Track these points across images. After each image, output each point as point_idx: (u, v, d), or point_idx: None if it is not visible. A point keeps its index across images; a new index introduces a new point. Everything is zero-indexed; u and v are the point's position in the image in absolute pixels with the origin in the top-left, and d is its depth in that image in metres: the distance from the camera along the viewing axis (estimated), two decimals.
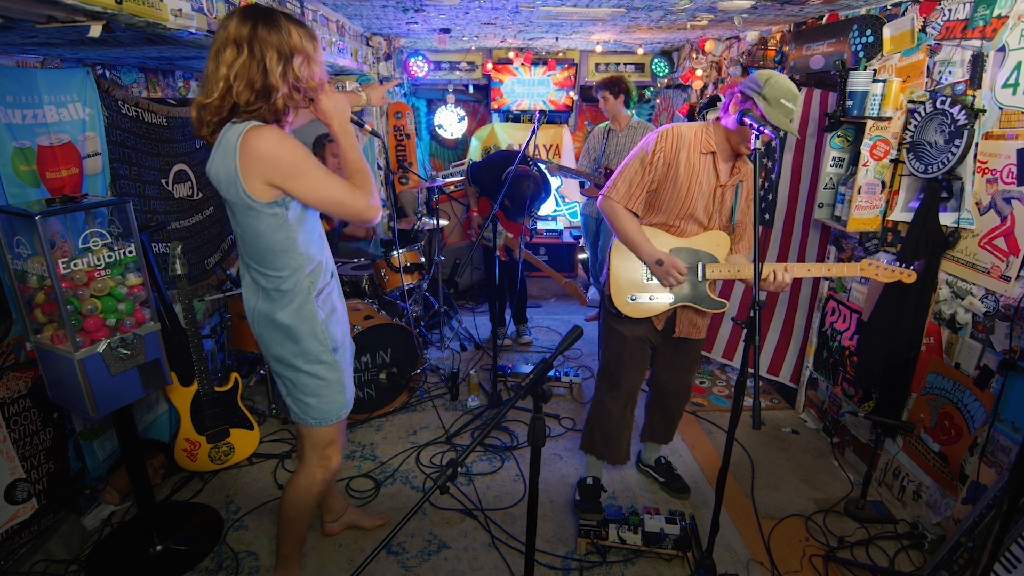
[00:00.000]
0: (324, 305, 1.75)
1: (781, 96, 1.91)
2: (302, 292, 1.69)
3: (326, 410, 1.83)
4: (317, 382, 1.78)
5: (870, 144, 2.55)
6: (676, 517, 2.30)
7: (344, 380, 1.85)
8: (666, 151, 2.11)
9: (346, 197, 1.61)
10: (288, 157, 1.52)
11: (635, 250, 2.20)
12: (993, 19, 2.11)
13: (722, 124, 2.10)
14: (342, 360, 1.83)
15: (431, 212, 4.22)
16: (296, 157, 1.54)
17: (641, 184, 2.15)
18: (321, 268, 1.74)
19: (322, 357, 1.76)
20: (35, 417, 2.15)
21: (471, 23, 3.75)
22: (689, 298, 2.22)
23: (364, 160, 1.67)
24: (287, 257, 1.65)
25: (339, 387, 1.83)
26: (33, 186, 2.11)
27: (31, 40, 1.78)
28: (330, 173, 1.60)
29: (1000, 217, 2.11)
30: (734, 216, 2.19)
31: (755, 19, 3.30)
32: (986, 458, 2.13)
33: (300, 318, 1.70)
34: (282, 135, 1.54)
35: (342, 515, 2.37)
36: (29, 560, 2.12)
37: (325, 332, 1.75)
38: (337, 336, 1.80)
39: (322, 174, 1.58)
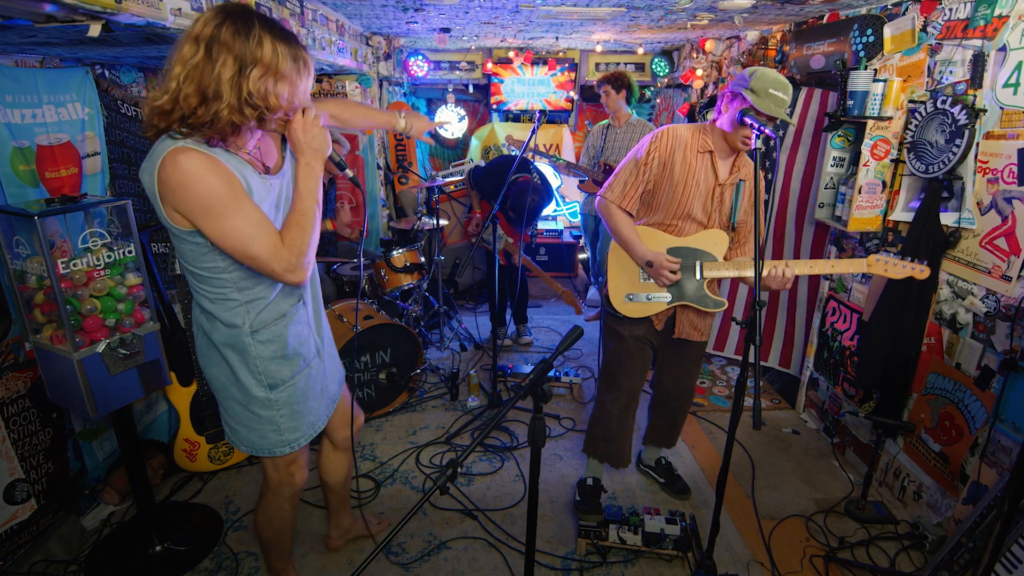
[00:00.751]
0: (267, 340, 1.57)
1: (769, 87, 1.92)
2: (230, 323, 1.53)
3: (257, 443, 1.68)
4: (247, 415, 1.64)
5: (871, 144, 2.55)
6: (676, 517, 2.30)
7: (279, 420, 1.65)
8: (661, 151, 2.11)
9: (263, 253, 1.38)
10: (200, 194, 1.31)
11: (628, 250, 2.21)
12: (994, 19, 2.11)
13: (717, 125, 2.09)
14: (286, 396, 1.64)
15: (431, 212, 4.22)
16: (211, 195, 1.32)
17: (635, 184, 2.16)
18: (269, 301, 1.56)
19: (254, 392, 1.60)
20: (34, 417, 2.15)
21: (471, 23, 3.75)
22: (687, 297, 2.21)
23: (314, 215, 1.46)
24: (217, 285, 1.49)
25: (273, 425, 1.65)
26: (32, 186, 2.11)
27: (30, 40, 1.78)
28: (254, 220, 1.37)
29: (1001, 217, 2.10)
30: (735, 215, 2.17)
31: (755, 18, 3.30)
32: (987, 458, 2.13)
33: (233, 348, 1.56)
34: (205, 165, 1.31)
35: (350, 532, 2.31)
36: (28, 560, 2.11)
37: (261, 368, 1.58)
38: (281, 373, 1.62)
39: (238, 220, 1.35)
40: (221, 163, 1.35)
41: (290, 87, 1.37)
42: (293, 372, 1.65)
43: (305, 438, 1.73)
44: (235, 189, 1.36)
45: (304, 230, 1.45)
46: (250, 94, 1.30)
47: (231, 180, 1.36)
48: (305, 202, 1.46)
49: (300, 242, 1.44)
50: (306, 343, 1.69)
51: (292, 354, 1.64)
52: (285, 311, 1.61)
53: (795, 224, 3.39)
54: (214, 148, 1.37)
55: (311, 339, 1.72)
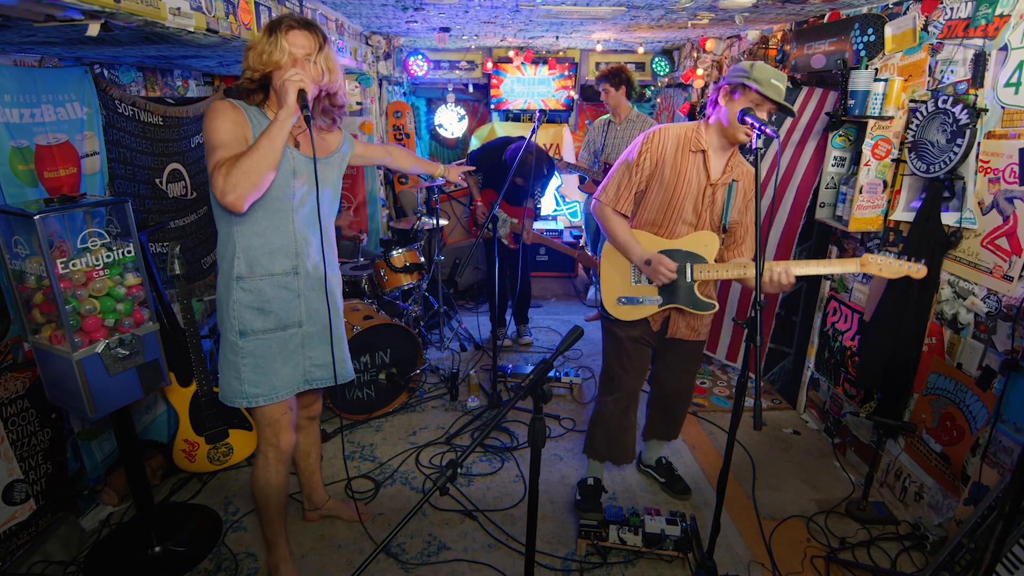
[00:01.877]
0: (248, 290, 1.80)
1: (771, 77, 1.93)
2: (226, 266, 1.79)
3: (224, 390, 1.89)
4: (223, 359, 1.87)
5: (872, 143, 2.54)
6: (677, 518, 2.30)
7: (242, 368, 1.84)
8: (652, 150, 2.12)
9: (210, 170, 1.64)
10: (207, 128, 1.66)
11: (625, 252, 2.21)
12: (995, 18, 2.10)
13: (711, 122, 2.08)
14: (252, 347, 1.84)
15: (431, 212, 4.21)
16: (210, 130, 1.65)
17: (629, 186, 2.17)
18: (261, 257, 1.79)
19: (228, 335, 1.83)
20: (33, 418, 2.14)
21: (471, 22, 3.75)
22: (678, 300, 2.20)
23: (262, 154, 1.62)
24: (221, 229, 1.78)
25: (235, 372, 1.84)
26: (31, 186, 2.10)
27: (29, 39, 1.77)
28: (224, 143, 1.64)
29: (1002, 217, 2.10)
30: (726, 217, 2.14)
31: (756, 18, 3.29)
32: (988, 459, 2.12)
33: (224, 288, 1.81)
34: (223, 107, 1.68)
35: (320, 507, 2.44)
36: (27, 561, 2.11)
37: (236, 313, 1.81)
38: (252, 324, 1.82)
39: (214, 142, 1.64)
40: (238, 108, 1.72)
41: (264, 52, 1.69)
42: (265, 327, 1.84)
43: (264, 398, 1.87)
44: (228, 123, 1.67)
45: (245, 159, 1.60)
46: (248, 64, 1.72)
47: (236, 119, 1.69)
48: (260, 140, 1.63)
49: (238, 164, 1.60)
50: (287, 308, 1.87)
51: (268, 310, 1.83)
52: (273, 271, 1.82)
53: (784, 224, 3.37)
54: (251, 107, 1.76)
55: (297, 309, 1.89)
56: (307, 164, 1.81)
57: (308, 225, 1.86)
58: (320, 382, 2.01)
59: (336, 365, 2.00)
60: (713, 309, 2.20)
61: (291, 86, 1.63)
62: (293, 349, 1.91)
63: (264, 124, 1.74)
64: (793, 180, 3.29)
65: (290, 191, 1.79)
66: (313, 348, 1.96)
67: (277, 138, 1.63)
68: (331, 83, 1.80)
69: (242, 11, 2.14)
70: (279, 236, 1.80)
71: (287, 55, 1.69)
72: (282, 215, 1.79)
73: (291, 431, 1.98)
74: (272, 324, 1.85)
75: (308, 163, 1.81)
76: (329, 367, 2.00)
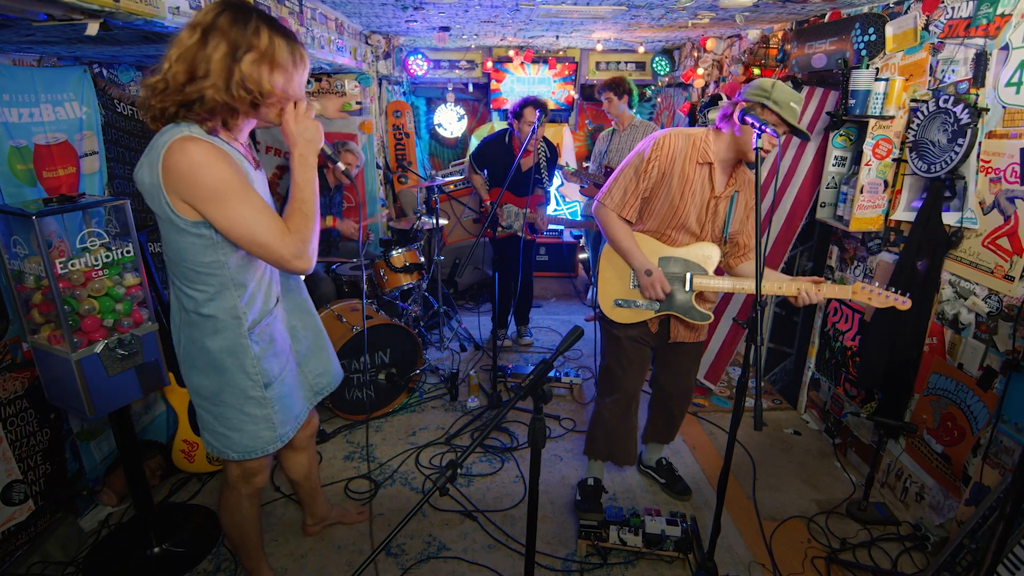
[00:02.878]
0: (260, 339, 1.62)
1: (790, 100, 1.92)
2: (229, 323, 1.54)
3: (250, 446, 1.69)
4: (242, 417, 1.65)
5: (872, 143, 2.54)
6: (677, 518, 2.29)
7: (274, 416, 1.69)
8: (661, 159, 2.08)
9: (271, 240, 1.41)
10: (211, 179, 1.34)
11: (627, 258, 2.19)
12: (996, 17, 2.09)
13: (724, 132, 2.06)
14: (277, 392, 1.69)
15: (430, 212, 4.21)
16: (222, 181, 1.35)
17: (636, 192, 2.13)
18: (258, 298, 1.60)
19: (250, 393, 1.62)
20: (32, 418, 2.14)
21: (471, 21, 3.74)
22: (674, 308, 2.20)
23: (314, 203, 1.49)
24: (212, 280, 1.51)
25: (267, 423, 1.68)
26: (30, 185, 2.10)
27: (28, 38, 1.77)
28: (260, 208, 1.41)
29: (1004, 217, 2.09)
30: (727, 229, 2.15)
31: (757, 17, 3.29)
32: (989, 459, 2.12)
33: (229, 351, 1.57)
34: (209, 152, 1.34)
35: (325, 519, 2.37)
36: (26, 562, 2.10)
37: (258, 368, 1.61)
38: (273, 371, 1.66)
39: (246, 207, 1.38)
40: (227, 151, 1.40)
41: (285, 76, 1.41)
42: (281, 368, 1.72)
43: (292, 430, 1.79)
44: (242, 177, 1.41)
45: (307, 217, 1.47)
46: (243, 77, 1.35)
47: (237, 168, 1.41)
48: (304, 191, 1.48)
49: (304, 229, 1.46)
50: (285, 338, 1.78)
51: (280, 350, 1.71)
52: (271, 308, 1.68)
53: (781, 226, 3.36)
54: (213, 138, 1.40)
55: (290, 334, 1.82)
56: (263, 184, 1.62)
57: None
58: (328, 388, 1.97)
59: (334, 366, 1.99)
60: (708, 320, 2.21)
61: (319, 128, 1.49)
62: (296, 373, 1.84)
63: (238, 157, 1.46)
64: (794, 182, 3.28)
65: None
66: (309, 362, 1.91)
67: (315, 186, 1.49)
68: None
69: None
70: (262, 270, 1.62)
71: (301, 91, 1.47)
72: None
73: (267, 467, 1.84)
74: (284, 360, 1.73)
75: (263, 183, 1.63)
76: (326, 373, 1.96)
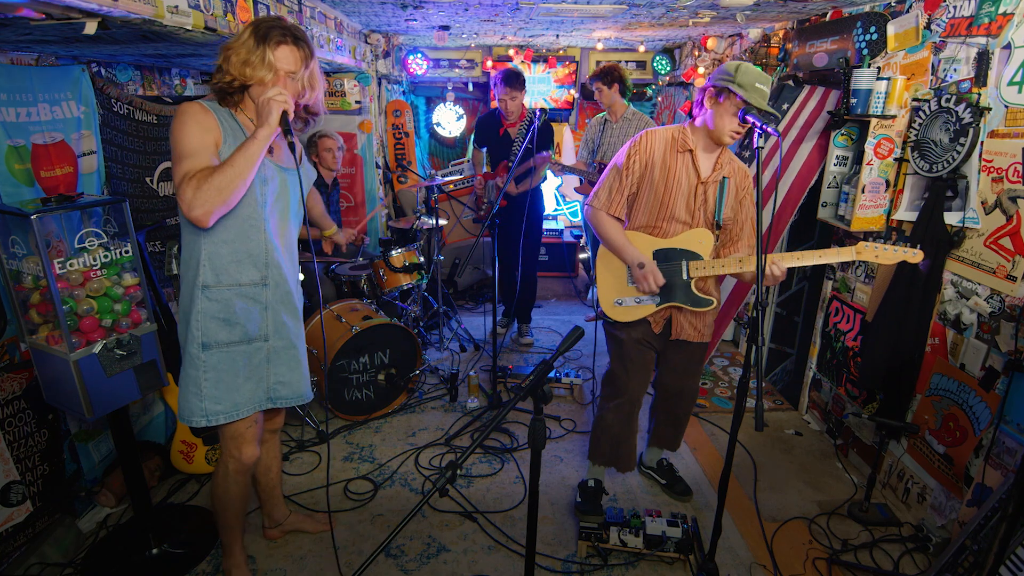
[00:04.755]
0: (216, 301, 1.72)
1: (755, 81, 1.92)
2: (191, 269, 1.71)
3: (182, 408, 1.80)
4: (183, 375, 1.78)
5: (874, 142, 2.53)
6: (678, 520, 2.28)
7: (203, 384, 1.75)
8: (640, 153, 2.13)
9: (178, 176, 1.57)
10: (175, 133, 1.59)
11: (619, 254, 2.20)
12: (999, 16, 2.09)
13: (697, 124, 2.09)
14: (216, 360, 1.75)
15: (430, 211, 4.20)
16: (175, 130, 1.59)
17: (620, 189, 2.18)
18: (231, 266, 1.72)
19: (189, 348, 1.75)
20: (30, 419, 2.13)
21: (471, 20, 3.73)
22: (676, 298, 2.19)
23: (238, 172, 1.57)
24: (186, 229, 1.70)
25: (196, 388, 1.75)
26: (28, 185, 2.09)
27: (26, 37, 1.76)
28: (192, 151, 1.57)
29: (1006, 216, 2.08)
30: (719, 213, 2.14)
31: (758, 16, 3.28)
32: (991, 460, 2.11)
33: (189, 302, 1.73)
34: (193, 110, 1.61)
35: (282, 523, 2.35)
36: (24, 563, 2.09)
37: (200, 324, 1.72)
38: (218, 336, 1.74)
39: (186, 149, 1.57)
40: (208, 112, 1.63)
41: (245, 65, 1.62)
42: (230, 340, 1.76)
43: (224, 415, 1.79)
44: (198, 128, 1.59)
45: (216, 173, 1.54)
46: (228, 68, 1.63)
47: (200, 122, 1.60)
48: (236, 155, 1.57)
49: (207, 181, 1.53)
50: (253, 321, 1.80)
51: (234, 321, 1.76)
52: (241, 281, 1.75)
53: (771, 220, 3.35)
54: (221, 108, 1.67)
55: (264, 321, 1.83)
56: (278, 172, 1.77)
57: (278, 236, 1.81)
58: (284, 401, 1.93)
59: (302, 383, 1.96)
60: (711, 305, 2.19)
61: (275, 106, 1.59)
62: (257, 364, 1.84)
63: (235, 128, 1.68)
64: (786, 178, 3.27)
65: (261, 199, 1.72)
66: (279, 364, 1.89)
67: (255, 156, 1.59)
68: (312, 99, 1.77)
69: (240, 9, 2.12)
70: (248, 244, 1.73)
71: (272, 73, 1.63)
72: (252, 223, 1.72)
73: (255, 444, 1.92)
74: (237, 336, 1.78)
75: (280, 171, 1.77)
76: (294, 385, 1.94)
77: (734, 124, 1.98)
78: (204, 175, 1.54)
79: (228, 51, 1.63)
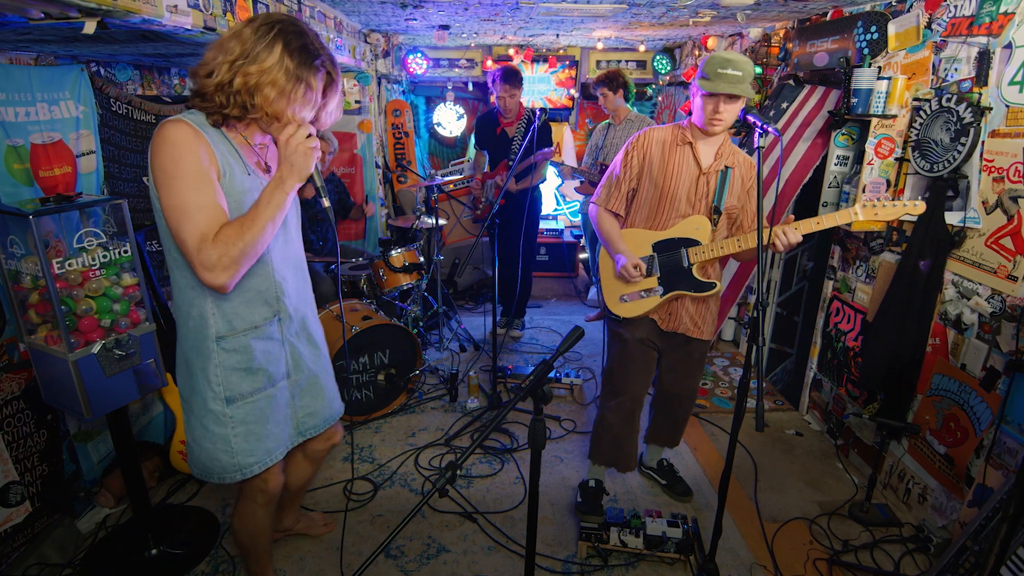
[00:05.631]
0: (235, 351, 1.51)
1: (718, 67, 1.95)
2: (198, 320, 1.48)
3: (207, 466, 1.59)
4: (201, 430, 1.56)
5: (875, 142, 2.52)
6: (678, 520, 2.28)
7: (233, 440, 1.56)
8: (638, 149, 2.19)
9: (190, 238, 1.31)
10: (162, 159, 1.31)
11: (607, 247, 2.28)
12: (1000, 15, 2.08)
13: (693, 119, 2.13)
14: (243, 413, 1.57)
15: (430, 211, 4.20)
16: (171, 161, 1.30)
17: (618, 185, 2.24)
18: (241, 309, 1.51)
19: (210, 404, 1.53)
20: (28, 419, 2.13)
21: (471, 19, 3.72)
22: (678, 286, 2.20)
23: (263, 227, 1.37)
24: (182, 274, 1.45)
25: (224, 445, 1.56)
26: (27, 185, 2.08)
27: (25, 37, 1.76)
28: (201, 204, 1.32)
29: (1007, 216, 2.08)
30: (718, 200, 2.14)
31: (758, 15, 3.27)
32: (992, 460, 2.10)
33: (196, 350, 1.51)
34: (178, 134, 1.31)
35: (290, 528, 2.28)
36: (23, 564, 2.09)
37: (220, 378, 1.51)
38: (240, 387, 1.55)
39: (188, 195, 1.30)
40: (202, 138, 1.36)
41: (281, 97, 1.37)
42: (255, 388, 1.58)
43: (259, 465, 1.63)
44: (199, 164, 1.33)
45: (244, 233, 1.35)
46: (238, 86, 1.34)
47: (200, 155, 1.34)
48: (261, 211, 1.38)
49: (235, 243, 1.33)
50: (276, 361, 1.62)
51: (257, 368, 1.57)
52: (257, 323, 1.56)
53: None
54: (211, 128, 1.40)
55: (284, 359, 1.65)
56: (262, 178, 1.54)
57: (284, 261, 1.61)
58: (314, 430, 1.81)
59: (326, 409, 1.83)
60: (714, 288, 2.19)
61: (313, 156, 1.40)
62: (284, 404, 1.68)
63: (230, 152, 1.43)
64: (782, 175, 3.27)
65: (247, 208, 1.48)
66: (303, 397, 1.75)
67: (283, 210, 1.40)
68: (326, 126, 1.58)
69: (240, 8, 2.12)
70: (256, 280, 1.53)
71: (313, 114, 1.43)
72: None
73: (279, 472, 1.75)
74: (262, 383, 1.59)
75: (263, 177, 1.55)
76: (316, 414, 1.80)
77: (709, 108, 2.02)
78: (229, 237, 1.33)
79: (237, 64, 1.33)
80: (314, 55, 1.37)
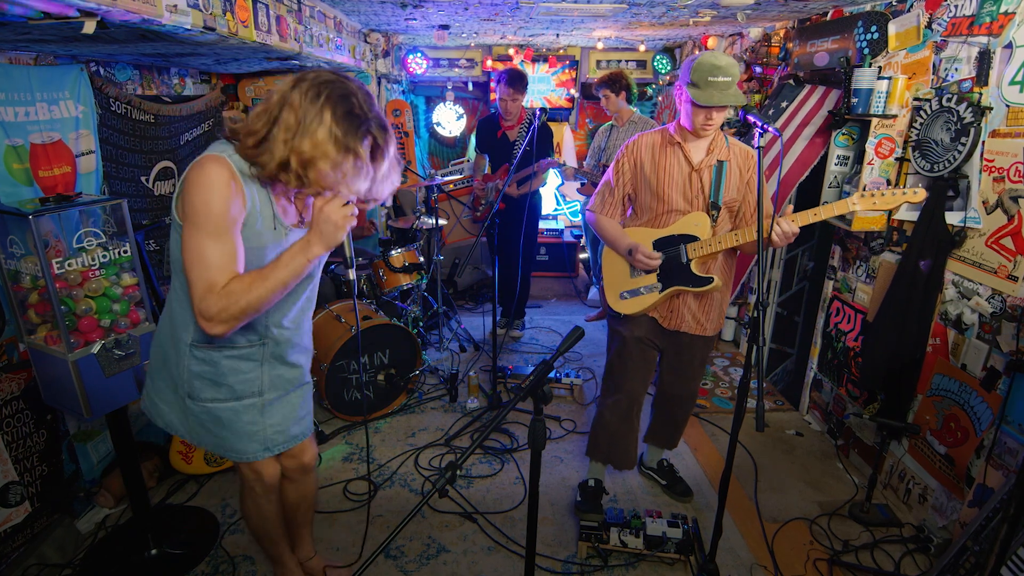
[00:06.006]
0: (203, 361, 1.53)
1: (707, 75, 1.94)
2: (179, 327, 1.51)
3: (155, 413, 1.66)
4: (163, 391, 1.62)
5: (875, 142, 2.52)
6: (678, 520, 2.28)
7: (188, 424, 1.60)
8: (628, 155, 2.22)
9: (198, 284, 1.31)
10: (194, 198, 1.30)
11: (614, 246, 2.29)
12: (1000, 15, 2.08)
13: (681, 120, 2.13)
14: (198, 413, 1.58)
15: (430, 211, 4.19)
16: (200, 205, 1.30)
17: (612, 192, 2.27)
18: None
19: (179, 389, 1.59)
20: (28, 419, 2.13)
21: (471, 19, 3.72)
22: (677, 281, 2.20)
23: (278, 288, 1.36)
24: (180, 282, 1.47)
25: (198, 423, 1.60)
26: (26, 185, 2.08)
27: (24, 37, 1.75)
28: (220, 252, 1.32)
29: (1007, 216, 2.08)
30: (714, 195, 2.13)
31: (758, 15, 3.27)
32: (993, 460, 2.10)
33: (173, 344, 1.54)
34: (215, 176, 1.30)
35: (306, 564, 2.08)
36: (22, 564, 2.09)
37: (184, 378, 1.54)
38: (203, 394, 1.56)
39: (207, 242, 1.30)
40: (238, 184, 1.35)
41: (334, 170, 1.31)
42: (216, 397, 1.57)
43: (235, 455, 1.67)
44: (227, 213, 1.32)
45: (252, 290, 1.33)
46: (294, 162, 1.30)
47: (231, 203, 1.33)
48: (276, 272, 1.36)
49: (238, 300, 1.32)
50: (246, 381, 1.60)
51: (221, 383, 1.57)
52: (236, 344, 1.54)
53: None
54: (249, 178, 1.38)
55: (257, 379, 1.62)
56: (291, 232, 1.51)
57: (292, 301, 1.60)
58: (283, 446, 1.74)
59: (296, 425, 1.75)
60: (713, 283, 2.17)
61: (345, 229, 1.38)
62: (249, 420, 1.64)
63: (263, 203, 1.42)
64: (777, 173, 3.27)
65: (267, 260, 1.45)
66: (272, 415, 1.68)
67: (298, 278, 1.39)
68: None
69: (240, 8, 2.12)
70: None
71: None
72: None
73: (274, 462, 1.77)
74: (224, 395, 1.58)
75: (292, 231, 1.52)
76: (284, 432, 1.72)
77: (700, 118, 2.03)
78: (235, 292, 1.32)
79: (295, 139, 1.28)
80: (360, 120, 1.30)
